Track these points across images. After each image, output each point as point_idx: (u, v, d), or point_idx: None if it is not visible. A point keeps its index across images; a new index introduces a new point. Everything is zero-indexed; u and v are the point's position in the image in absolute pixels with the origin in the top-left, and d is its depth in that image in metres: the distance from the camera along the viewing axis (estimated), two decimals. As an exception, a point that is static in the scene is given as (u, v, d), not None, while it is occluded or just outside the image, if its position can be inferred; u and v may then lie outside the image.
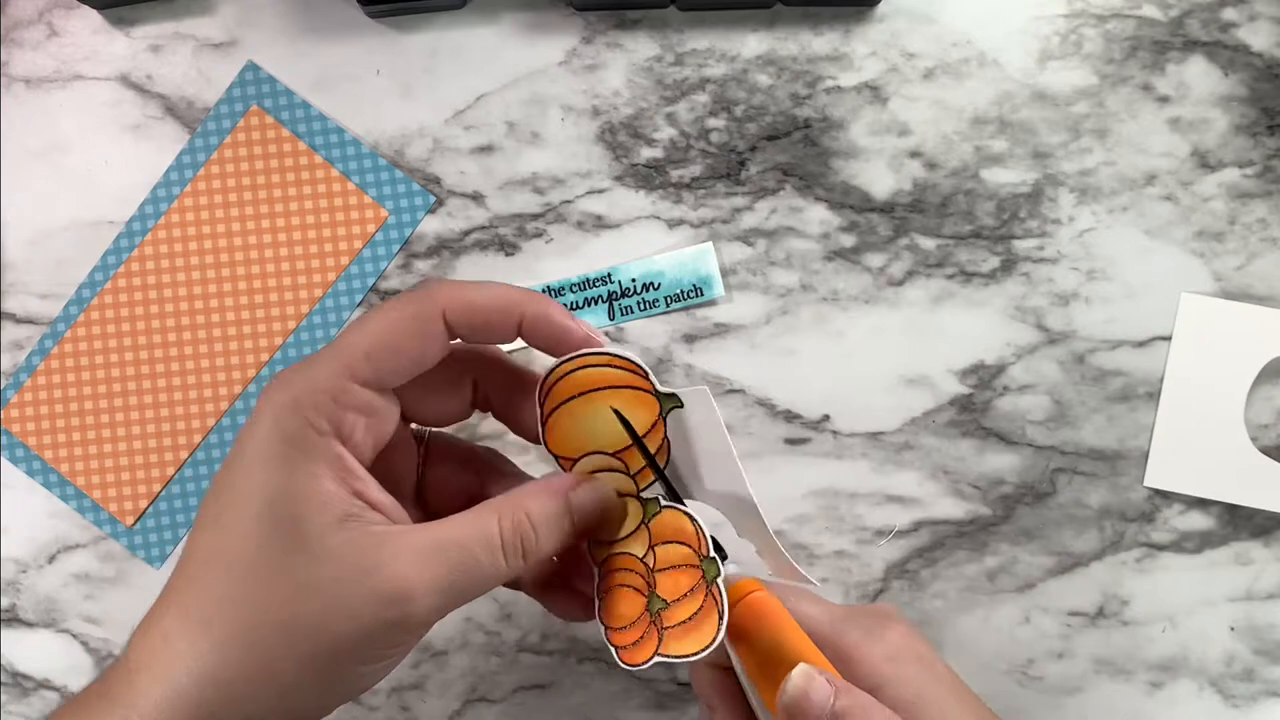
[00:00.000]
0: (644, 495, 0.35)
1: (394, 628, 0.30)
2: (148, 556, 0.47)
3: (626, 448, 0.34)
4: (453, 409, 0.36)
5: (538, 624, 0.47)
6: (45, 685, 0.47)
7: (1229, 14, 0.46)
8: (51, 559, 0.47)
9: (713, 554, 0.33)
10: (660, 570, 0.34)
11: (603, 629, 0.34)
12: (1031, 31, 0.46)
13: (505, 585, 0.35)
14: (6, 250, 0.47)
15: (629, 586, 0.34)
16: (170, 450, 0.47)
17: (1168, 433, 0.46)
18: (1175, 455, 0.46)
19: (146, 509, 0.47)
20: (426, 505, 0.37)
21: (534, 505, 0.32)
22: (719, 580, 0.33)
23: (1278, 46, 0.46)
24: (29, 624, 0.47)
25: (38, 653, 0.47)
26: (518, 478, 0.37)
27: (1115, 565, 0.46)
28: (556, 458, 0.35)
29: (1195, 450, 0.46)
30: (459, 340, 0.33)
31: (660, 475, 0.34)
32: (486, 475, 0.37)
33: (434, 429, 0.37)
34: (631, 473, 0.35)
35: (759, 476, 0.46)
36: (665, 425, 0.34)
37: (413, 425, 0.36)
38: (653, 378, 0.33)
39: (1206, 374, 0.46)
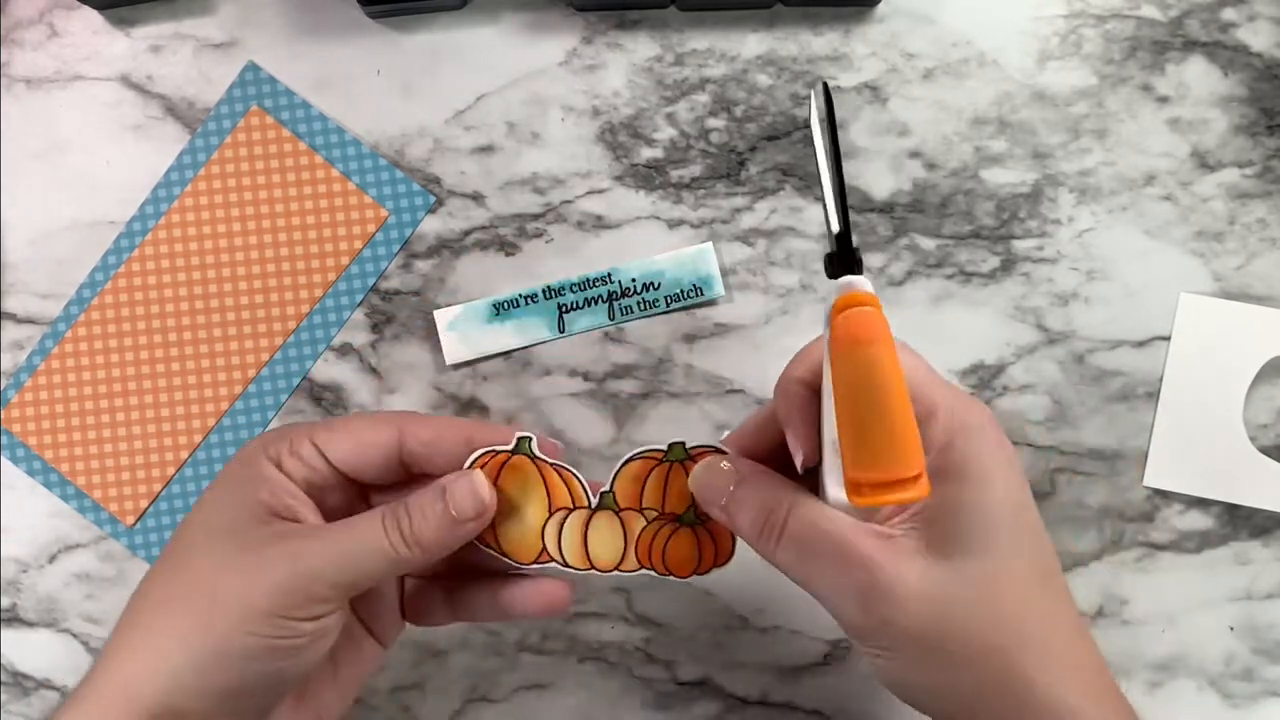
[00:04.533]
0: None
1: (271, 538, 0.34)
2: (148, 556, 0.47)
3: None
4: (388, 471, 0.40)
5: (537, 624, 0.47)
6: (45, 685, 0.47)
7: (1229, 14, 0.46)
8: (52, 559, 0.47)
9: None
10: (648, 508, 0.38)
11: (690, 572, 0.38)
12: (1031, 32, 0.46)
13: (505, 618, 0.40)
14: (6, 250, 0.47)
15: (661, 526, 0.38)
16: (170, 450, 0.47)
17: (1167, 432, 0.46)
18: (1174, 455, 0.46)
19: (147, 509, 0.47)
20: (409, 616, 0.41)
21: (410, 495, 0.36)
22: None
23: (1277, 47, 0.46)
24: (29, 624, 0.47)
25: (38, 653, 0.47)
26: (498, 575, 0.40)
27: (1115, 565, 0.46)
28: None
29: (1194, 450, 0.46)
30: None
31: None
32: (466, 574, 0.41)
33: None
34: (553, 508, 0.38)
35: (759, 476, 0.46)
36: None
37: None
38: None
39: (1206, 374, 0.46)
